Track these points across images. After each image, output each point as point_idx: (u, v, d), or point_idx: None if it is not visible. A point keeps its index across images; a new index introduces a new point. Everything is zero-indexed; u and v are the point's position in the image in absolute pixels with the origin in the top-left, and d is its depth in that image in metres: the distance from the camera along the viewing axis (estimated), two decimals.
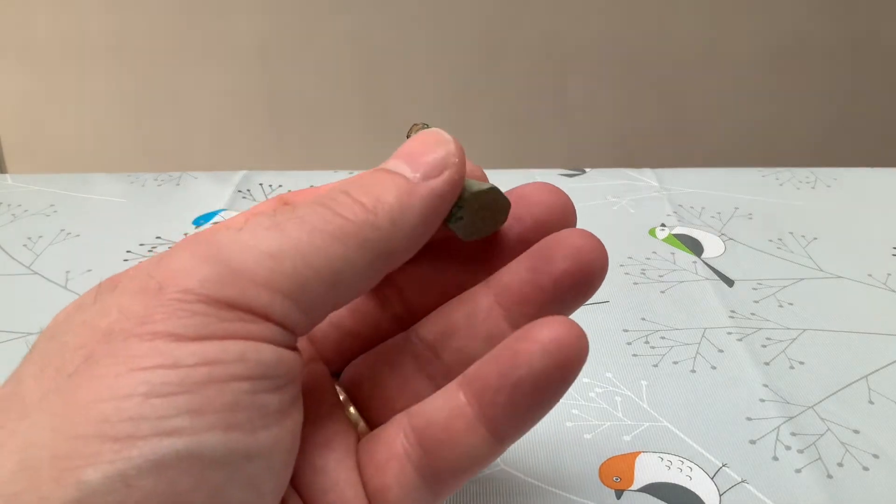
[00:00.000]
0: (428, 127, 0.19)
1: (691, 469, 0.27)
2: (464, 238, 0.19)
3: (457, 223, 0.19)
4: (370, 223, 0.17)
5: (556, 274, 0.18)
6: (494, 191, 0.19)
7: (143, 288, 0.15)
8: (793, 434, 0.29)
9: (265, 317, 0.15)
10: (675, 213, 0.46)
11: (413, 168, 0.18)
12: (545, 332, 0.17)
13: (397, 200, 0.17)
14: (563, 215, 0.20)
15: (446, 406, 0.18)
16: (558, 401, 0.17)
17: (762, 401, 0.31)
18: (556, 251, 0.18)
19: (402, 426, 0.18)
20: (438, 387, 0.19)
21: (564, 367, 0.17)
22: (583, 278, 0.18)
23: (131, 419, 0.14)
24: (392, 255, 0.17)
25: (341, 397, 0.20)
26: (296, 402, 0.17)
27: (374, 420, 0.20)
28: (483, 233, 0.20)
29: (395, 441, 0.18)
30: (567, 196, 0.20)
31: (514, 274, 0.19)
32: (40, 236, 0.43)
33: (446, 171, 0.18)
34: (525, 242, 0.19)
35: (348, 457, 0.18)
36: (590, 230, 0.19)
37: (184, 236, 0.43)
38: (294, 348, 0.16)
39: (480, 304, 0.19)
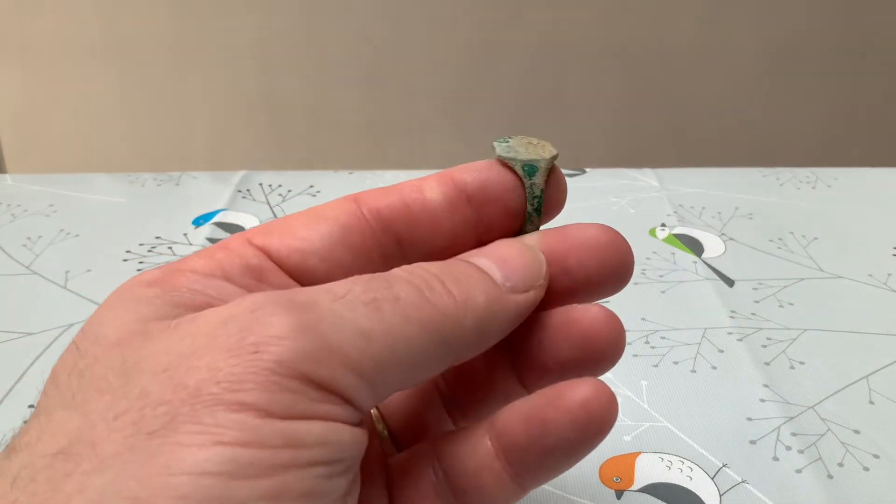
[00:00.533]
0: (527, 138, 0.20)
1: (692, 469, 0.27)
2: (498, 153, 0.20)
3: (500, 143, 0.20)
4: (458, 321, 0.17)
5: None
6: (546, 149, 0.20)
7: (237, 347, 0.15)
8: (793, 434, 0.29)
9: (347, 399, 0.15)
10: (676, 212, 0.46)
11: (504, 275, 0.18)
12: (576, 397, 0.17)
13: (486, 305, 0.17)
14: (619, 275, 0.20)
15: (475, 455, 0.18)
16: (585, 456, 0.18)
17: (762, 401, 0.31)
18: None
19: (430, 462, 0.19)
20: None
21: (594, 433, 0.17)
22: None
23: (209, 500, 0.13)
24: (463, 355, 0.17)
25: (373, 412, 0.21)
26: (357, 480, 0.17)
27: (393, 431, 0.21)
28: (521, 156, 0.20)
29: (425, 477, 0.19)
30: (628, 246, 0.20)
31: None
32: (40, 236, 0.43)
33: (533, 291, 0.18)
34: (573, 295, 0.20)
35: (381, 475, 0.19)
36: None
37: (184, 236, 0.43)
38: (361, 425, 0.16)
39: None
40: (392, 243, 0.20)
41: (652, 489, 0.27)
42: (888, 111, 1.20)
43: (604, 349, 0.19)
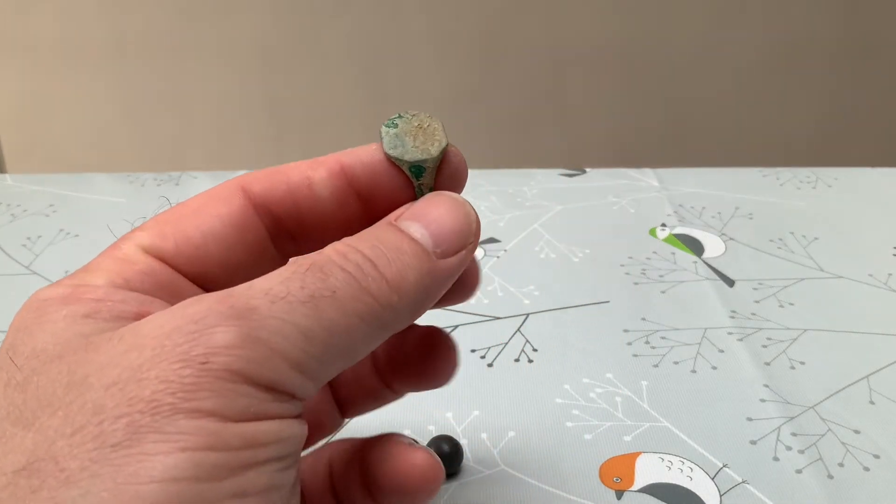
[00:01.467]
0: (419, 117, 0.19)
1: (692, 469, 0.27)
2: (385, 149, 0.19)
3: (388, 129, 0.19)
4: (392, 306, 0.17)
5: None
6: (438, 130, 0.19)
7: (185, 358, 0.15)
8: (793, 434, 0.29)
9: (293, 395, 0.16)
10: (676, 212, 0.46)
11: (435, 241, 0.18)
12: (415, 472, 0.20)
13: (418, 282, 0.17)
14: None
15: (316, 477, 0.21)
16: None
17: (763, 401, 0.31)
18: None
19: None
20: None
21: (423, 497, 0.20)
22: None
23: (180, 503, 0.14)
24: (397, 330, 0.18)
25: None
26: (298, 470, 0.18)
27: None
28: (407, 155, 0.19)
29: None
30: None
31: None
32: (39, 236, 0.43)
33: (463, 252, 0.18)
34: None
35: None
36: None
37: None
38: (302, 415, 0.17)
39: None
40: (285, 236, 0.20)
41: (652, 489, 0.27)
42: (888, 111, 1.20)
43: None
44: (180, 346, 0.15)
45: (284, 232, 0.20)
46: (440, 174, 0.20)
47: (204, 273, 0.19)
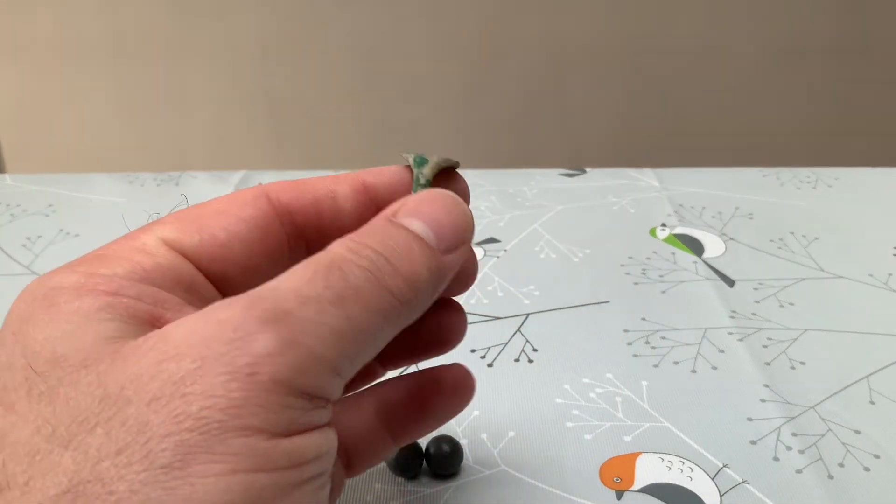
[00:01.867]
0: (423, 159, 0.20)
1: (692, 469, 0.27)
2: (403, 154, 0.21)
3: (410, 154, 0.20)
4: (409, 302, 0.17)
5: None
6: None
7: (231, 370, 0.15)
8: (794, 434, 0.29)
9: (329, 399, 0.16)
10: (676, 212, 0.46)
11: (437, 238, 0.18)
12: (449, 381, 0.22)
13: (429, 279, 0.18)
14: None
15: (363, 421, 0.22)
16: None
17: (763, 401, 0.31)
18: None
19: None
20: None
21: (460, 407, 0.23)
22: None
23: None
24: (406, 325, 0.18)
25: None
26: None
27: None
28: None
29: None
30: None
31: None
32: (39, 236, 0.43)
33: (462, 247, 0.19)
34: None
35: None
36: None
37: None
38: (331, 424, 0.17)
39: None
40: (301, 246, 0.21)
41: (652, 489, 0.27)
42: (888, 111, 1.20)
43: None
44: (223, 356, 0.15)
45: (302, 241, 0.20)
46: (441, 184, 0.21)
47: (224, 272, 0.19)
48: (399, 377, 0.23)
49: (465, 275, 0.22)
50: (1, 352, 0.16)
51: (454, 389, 0.22)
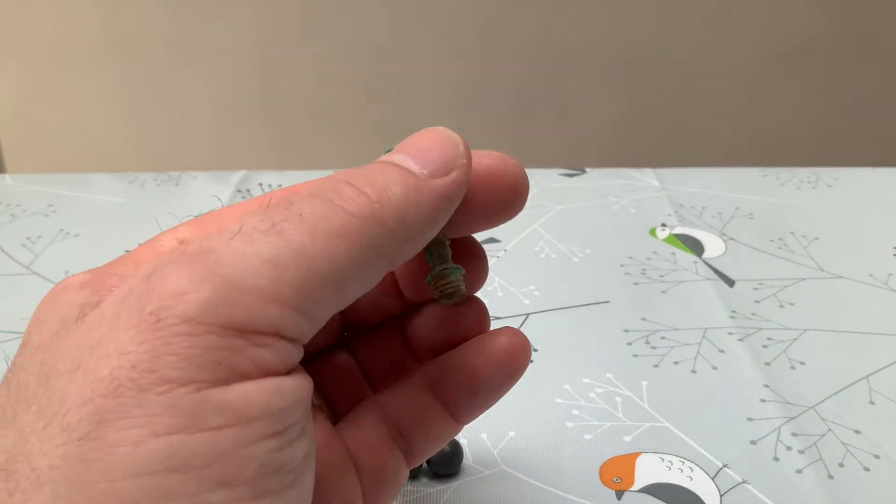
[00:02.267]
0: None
1: (692, 469, 0.27)
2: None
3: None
4: (375, 217, 0.15)
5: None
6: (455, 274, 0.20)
7: (138, 320, 0.13)
8: (794, 434, 0.29)
9: (276, 334, 0.14)
10: (676, 212, 0.46)
11: (420, 164, 0.17)
12: (499, 347, 0.20)
13: (404, 194, 0.16)
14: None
15: (419, 403, 0.20)
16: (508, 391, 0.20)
17: (763, 401, 0.31)
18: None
19: (376, 414, 0.20)
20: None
21: (515, 374, 0.20)
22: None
23: (157, 500, 0.12)
24: (396, 254, 0.16)
25: None
26: (311, 438, 0.15)
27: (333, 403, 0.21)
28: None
29: (375, 428, 0.20)
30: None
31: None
32: (39, 236, 0.43)
33: (454, 172, 0.17)
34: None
35: (334, 439, 0.19)
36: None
37: None
38: (302, 371, 0.15)
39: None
40: None
41: (652, 489, 0.27)
42: (888, 111, 1.20)
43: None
44: (134, 309, 0.13)
45: None
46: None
47: None
48: (449, 353, 0.20)
49: (475, 276, 0.21)
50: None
51: (506, 354, 0.20)
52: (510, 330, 0.20)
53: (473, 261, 0.21)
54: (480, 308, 0.21)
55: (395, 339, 0.22)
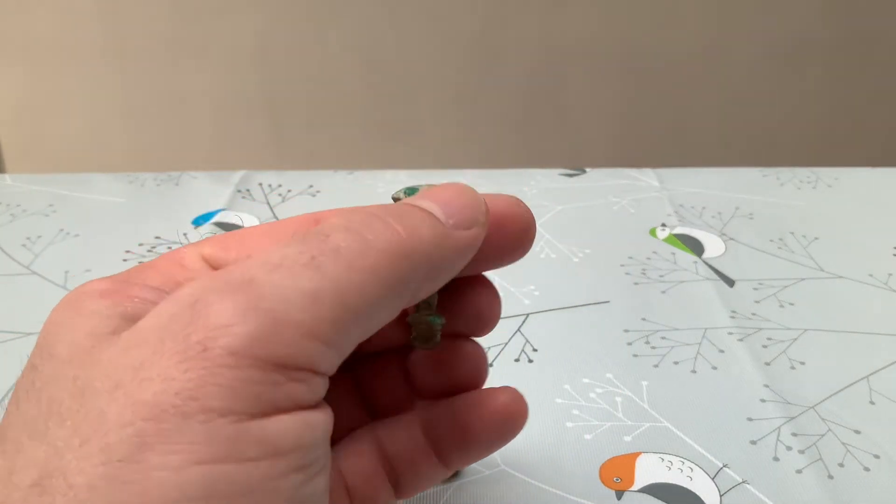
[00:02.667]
0: (412, 189, 0.20)
1: (692, 469, 0.27)
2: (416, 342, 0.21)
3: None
4: (405, 254, 0.16)
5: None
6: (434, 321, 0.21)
7: (184, 348, 0.14)
8: (794, 434, 0.29)
9: (311, 370, 0.15)
10: (676, 212, 0.46)
11: (447, 214, 0.17)
12: (498, 403, 0.20)
13: (433, 238, 0.17)
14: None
15: (411, 443, 0.21)
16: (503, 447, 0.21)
17: (763, 401, 0.31)
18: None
19: (372, 444, 0.21)
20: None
21: (508, 435, 0.20)
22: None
23: None
24: (417, 291, 0.17)
25: None
26: (328, 472, 0.16)
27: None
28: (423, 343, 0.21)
29: (370, 457, 0.20)
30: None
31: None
32: (39, 236, 0.43)
33: (475, 228, 0.18)
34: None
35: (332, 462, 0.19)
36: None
37: (183, 236, 0.43)
38: (325, 404, 0.16)
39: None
40: None
41: (652, 489, 0.27)
42: (888, 111, 1.20)
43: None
44: (178, 334, 0.14)
45: None
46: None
47: None
48: (448, 399, 0.21)
49: (486, 316, 0.21)
50: (33, 352, 0.16)
51: (501, 415, 0.20)
52: (510, 391, 0.21)
53: (486, 298, 0.22)
54: (480, 355, 0.22)
55: (397, 371, 0.22)
